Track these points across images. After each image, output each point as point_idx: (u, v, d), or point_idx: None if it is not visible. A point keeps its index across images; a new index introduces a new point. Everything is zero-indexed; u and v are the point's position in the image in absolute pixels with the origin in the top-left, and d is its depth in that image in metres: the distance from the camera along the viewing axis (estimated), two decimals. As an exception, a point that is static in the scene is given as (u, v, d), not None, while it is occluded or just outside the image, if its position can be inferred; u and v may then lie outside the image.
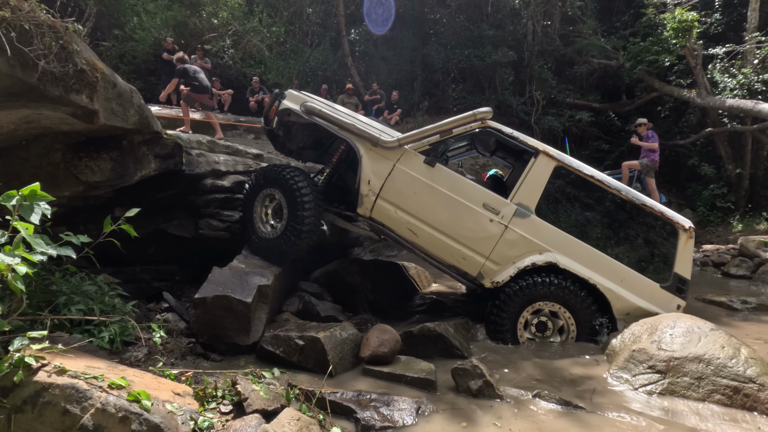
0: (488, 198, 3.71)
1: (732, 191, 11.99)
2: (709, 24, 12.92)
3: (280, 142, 4.69)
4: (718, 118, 12.00)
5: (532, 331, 3.67)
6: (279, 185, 3.95)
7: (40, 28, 2.43)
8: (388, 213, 3.78)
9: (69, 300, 2.66)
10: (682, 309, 3.60)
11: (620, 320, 3.58)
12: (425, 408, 2.46)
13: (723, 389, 2.63)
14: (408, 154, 3.81)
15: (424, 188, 3.73)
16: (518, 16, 14.69)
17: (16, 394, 1.65)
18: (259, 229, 4.06)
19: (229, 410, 2.11)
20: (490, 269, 3.69)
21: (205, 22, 12.75)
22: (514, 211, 3.67)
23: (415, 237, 3.76)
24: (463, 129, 3.82)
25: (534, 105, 13.74)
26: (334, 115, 3.95)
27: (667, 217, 3.72)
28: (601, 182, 3.73)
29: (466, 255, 3.71)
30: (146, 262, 4.50)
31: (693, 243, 3.68)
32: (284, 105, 4.21)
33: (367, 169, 3.80)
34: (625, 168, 8.85)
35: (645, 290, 3.60)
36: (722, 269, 7.43)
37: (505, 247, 3.65)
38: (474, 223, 3.69)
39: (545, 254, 3.62)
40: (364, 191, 3.81)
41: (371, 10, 14.48)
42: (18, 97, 2.54)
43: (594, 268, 3.61)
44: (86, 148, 3.44)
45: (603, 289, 3.57)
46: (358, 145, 3.84)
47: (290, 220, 3.83)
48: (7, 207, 1.75)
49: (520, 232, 3.65)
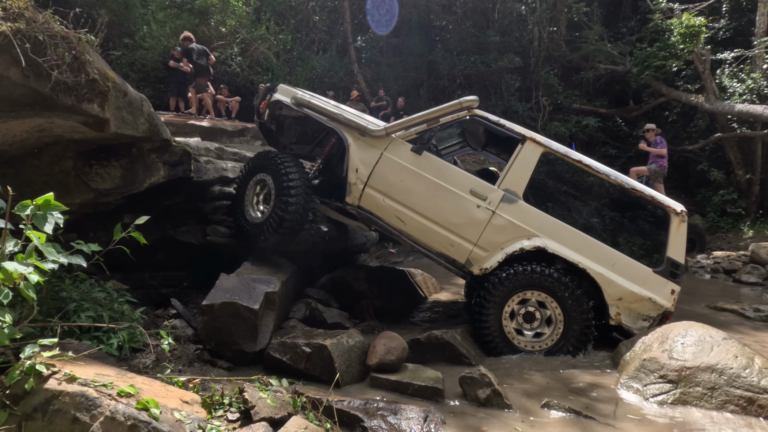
0: (475, 184, 3.71)
1: (742, 197, 11.84)
2: (716, 29, 12.85)
3: (272, 137, 4.74)
4: (727, 123, 11.89)
5: (519, 321, 3.56)
6: (270, 170, 3.98)
7: (54, 39, 2.48)
8: (376, 201, 3.80)
9: (79, 307, 2.69)
10: (676, 294, 3.50)
11: (612, 305, 3.49)
12: (433, 417, 2.44)
13: (737, 400, 2.59)
14: (395, 143, 3.83)
15: (411, 176, 3.73)
16: (524, 23, 14.73)
17: (27, 401, 1.66)
18: (247, 213, 4.10)
19: (237, 418, 2.11)
20: (479, 256, 3.66)
21: (214, 31, 12.91)
22: (501, 196, 3.65)
23: (403, 225, 3.76)
24: (450, 117, 3.83)
25: (540, 111, 13.73)
26: (323, 106, 4.02)
27: (658, 201, 3.68)
28: (589, 167, 3.73)
29: (454, 242, 3.69)
30: (154, 269, 4.52)
31: (686, 227, 3.59)
32: (275, 98, 4.27)
33: (355, 157, 3.82)
34: (633, 174, 8.77)
35: (637, 275, 3.52)
36: (733, 276, 7.33)
37: (492, 232, 3.62)
38: (461, 209, 3.66)
39: (533, 239, 3.56)
40: (352, 180, 3.83)
41: (374, 11, 14.58)
42: (31, 106, 2.58)
43: (584, 253, 3.54)
44: (97, 155, 3.49)
45: (593, 273, 3.49)
46: (346, 134, 3.87)
47: (275, 205, 3.84)
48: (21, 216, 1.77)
49: (507, 217, 3.62)
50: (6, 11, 2.28)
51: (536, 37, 14.34)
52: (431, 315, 4.84)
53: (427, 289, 5.76)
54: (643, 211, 3.84)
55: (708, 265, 8.31)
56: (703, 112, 12.63)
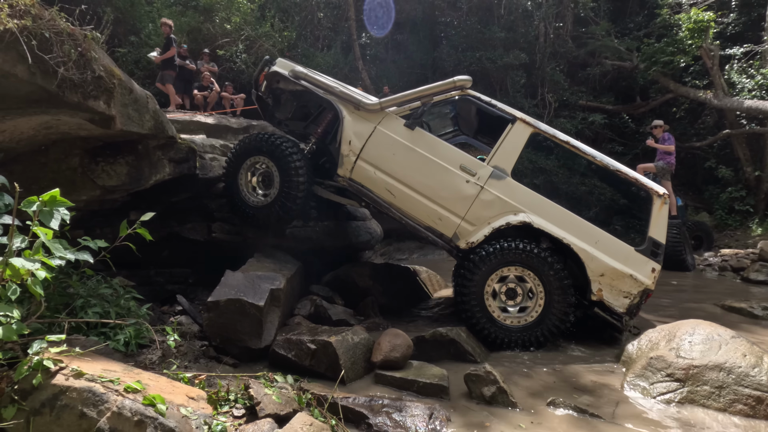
0: (465, 160, 3.80)
1: (751, 194, 11.72)
2: (725, 24, 12.69)
3: (269, 111, 4.79)
4: (736, 120, 11.76)
5: (501, 299, 3.66)
6: (269, 153, 4.04)
7: (60, 36, 2.48)
8: (368, 174, 3.88)
9: (86, 303, 2.70)
10: (657, 272, 3.57)
11: (594, 281, 3.55)
12: (438, 414, 2.44)
13: (745, 399, 2.56)
14: (389, 117, 3.92)
15: (403, 150, 3.82)
16: (530, 18, 14.60)
17: (35, 396, 1.68)
18: (247, 198, 4.17)
19: (242, 414, 2.12)
20: (466, 230, 3.74)
21: (218, 28, 12.92)
22: (490, 173, 3.75)
23: (393, 197, 3.85)
24: (444, 96, 3.93)
25: (546, 107, 13.64)
26: (320, 79, 4.12)
27: (641, 184, 3.76)
28: (576, 148, 3.83)
29: (442, 215, 3.77)
30: (160, 265, 4.55)
31: (667, 210, 3.70)
32: (273, 69, 4.34)
33: (349, 130, 3.92)
34: (640, 171, 8.69)
35: (619, 252, 3.59)
36: (741, 274, 7.25)
37: (480, 207, 3.71)
38: (451, 183, 3.75)
39: (520, 215, 3.65)
40: (345, 152, 3.92)
41: (371, 13, 14.54)
42: (38, 103, 2.59)
43: (568, 229, 3.63)
44: (103, 152, 3.50)
45: (577, 249, 3.57)
46: (341, 107, 3.96)
47: (284, 186, 3.96)
48: (28, 212, 1.78)
49: (495, 193, 3.71)
50: (12, 8, 2.28)
51: (542, 33, 14.23)
52: (436, 312, 4.82)
53: (431, 286, 5.75)
54: (628, 193, 3.92)
55: (716, 262, 8.24)
56: (711, 109, 12.50)
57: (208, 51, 10.93)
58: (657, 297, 5.69)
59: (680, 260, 7.66)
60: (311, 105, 4.58)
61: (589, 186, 3.37)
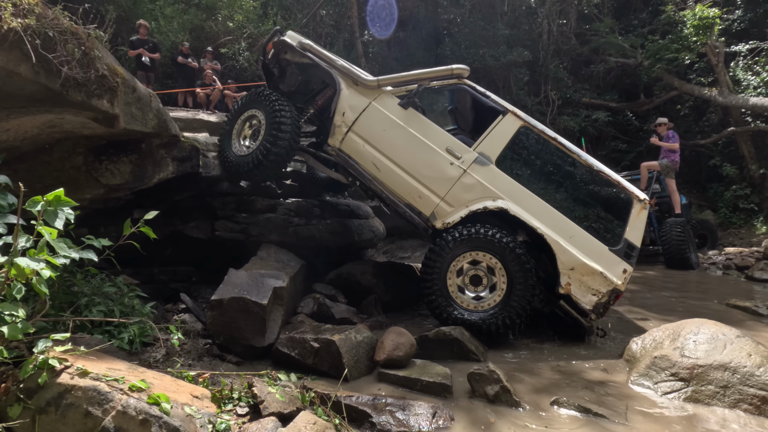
0: (452, 143, 3.90)
1: (755, 192, 11.65)
2: (731, 21, 12.59)
3: (274, 81, 4.90)
4: (741, 117, 11.68)
5: (465, 281, 3.70)
6: (263, 106, 4.22)
7: (64, 35, 2.48)
8: (357, 146, 4.01)
9: (90, 301, 2.71)
10: (628, 274, 3.57)
11: (563, 274, 3.55)
12: (441, 413, 2.44)
13: (750, 399, 2.55)
14: (385, 95, 4.05)
15: (394, 127, 3.94)
16: (533, 15, 14.54)
17: (40, 395, 1.68)
18: (233, 146, 4.34)
19: (246, 412, 2.12)
20: (443, 210, 3.82)
21: (221, 26, 12.92)
22: (474, 158, 3.83)
23: (378, 172, 3.96)
24: (441, 82, 4.05)
25: (549, 105, 13.58)
26: (324, 53, 4.29)
27: (623, 187, 3.79)
28: (562, 145, 3.87)
29: (422, 194, 3.86)
30: (164, 264, 4.56)
31: (646, 215, 3.72)
32: (282, 39, 4.48)
33: (344, 102, 4.06)
34: (644, 169, 8.67)
35: (593, 250, 3.61)
36: (746, 273, 7.21)
37: (460, 189, 3.79)
38: (435, 163, 3.85)
39: (498, 201, 3.71)
40: (338, 122, 4.06)
41: (374, 14, 14.50)
42: (42, 102, 2.60)
43: (544, 221, 3.66)
44: (107, 151, 3.51)
45: (549, 240, 3.60)
46: (340, 79, 4.12)
47: (264, 138, 4.09)
48: (33, 212, 1.79)
49: (477, 177, 3.78)
50: (17, 7, 2.28)
51: (545, 30, 14.16)
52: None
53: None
54: (610, 193, 3.94)
55: (720, 261, 8.20)
56: (716, 106, 12.42)
57: (210, 49, 10.94)
58: (661, 296, 5.68)
59: (684, 259, 7.62)
60: (315, 80, 4.73)
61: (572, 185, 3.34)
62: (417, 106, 4.09)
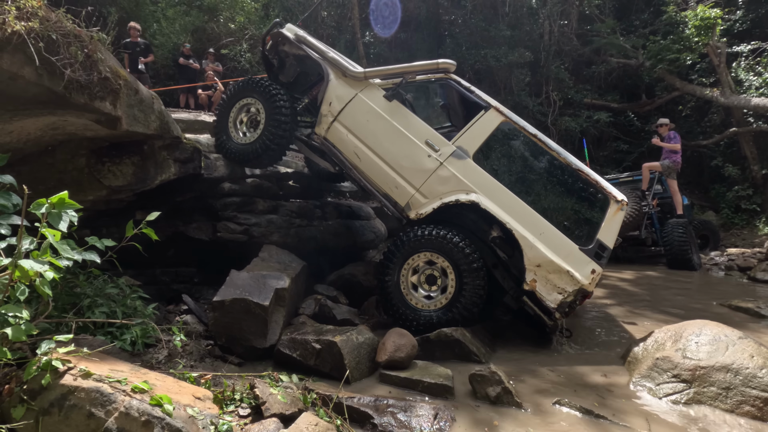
0: (432, 136, 3.97)
1: (758, 193, 11.63)
2: (732, 21, 12.57)
3: (273, 72, 5.00)
4: (743, 118, 11.66)
5: (421, 280, 3.76)
6: (261, 95, 4.36)
7: (67, 37, 2.50)
8: (341, 135, 4.14)
9: (93, 303, 2.72)
10: (597, 275, 3.51)
11: (530, 270, 3.53)
12: (443, 414, 2.44)
13: (753, 400, 2.54)
14: (371, 87, 4.15)
15: (377, 118, 4.05)
16: (535, 16, 14.52)
17: (44, 396, 1.69)
18: (233, 134, 4.50)
19: (248, 414, 2.13)
20: (418, 201, 3.90)
21: (223, 27, 12.94)
22: (452, 151, 3.88)
23: (358, 161, 4.08)
24: (426, 77, 4.14)
25: (551, 106, 13.56)
26: (318, 45, 4.43)
27: (601, 186, 3.77)
28: (542, 142, 3.88)
29: (399, 184, 3.95)
30: (166, 265, 4.57)
31: (621, 216, 3.69)
32: (280, 31, 4.60)
33: (332, 92, 4.19)
34: (645, 169, 8.65)
35: (562, 248, 3.58)
36: (748, 274, 7.19)
37: (435, 182, 3.85)
38: (413, 155, 3.92)
39: (471, 194, 3.74)
40: (324, 111, 4.20)
41: (377, 13, 14.51)
42: (45, 104, 2.61)
43: (515, 217, 3.67)
44: (109, 153, 3.52)
45: (518, 235, 3.60)
46: (330, 69, 4.26)
47: (268, 125, 4.28)
48: (37, 214, 1.80)
49: (452, 170, 3.83)
50: (20, 11, 2.30)
51: (547, 31, 14.15)
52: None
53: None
54: (588, 193, 3.88)
55: (722, 262, 8.18)
56: (717, 107, 12.40)
57: (212, 50, 10.96)
58: (663, 296, 5.67)
59: (686, 259, 7.60)
60: (312, 72, 4.83)
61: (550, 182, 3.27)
62: (402, 98, 4.17)
